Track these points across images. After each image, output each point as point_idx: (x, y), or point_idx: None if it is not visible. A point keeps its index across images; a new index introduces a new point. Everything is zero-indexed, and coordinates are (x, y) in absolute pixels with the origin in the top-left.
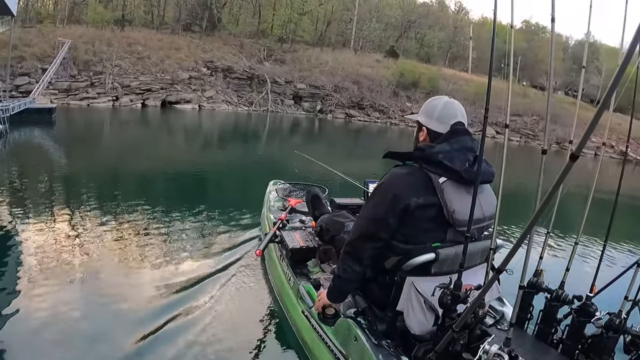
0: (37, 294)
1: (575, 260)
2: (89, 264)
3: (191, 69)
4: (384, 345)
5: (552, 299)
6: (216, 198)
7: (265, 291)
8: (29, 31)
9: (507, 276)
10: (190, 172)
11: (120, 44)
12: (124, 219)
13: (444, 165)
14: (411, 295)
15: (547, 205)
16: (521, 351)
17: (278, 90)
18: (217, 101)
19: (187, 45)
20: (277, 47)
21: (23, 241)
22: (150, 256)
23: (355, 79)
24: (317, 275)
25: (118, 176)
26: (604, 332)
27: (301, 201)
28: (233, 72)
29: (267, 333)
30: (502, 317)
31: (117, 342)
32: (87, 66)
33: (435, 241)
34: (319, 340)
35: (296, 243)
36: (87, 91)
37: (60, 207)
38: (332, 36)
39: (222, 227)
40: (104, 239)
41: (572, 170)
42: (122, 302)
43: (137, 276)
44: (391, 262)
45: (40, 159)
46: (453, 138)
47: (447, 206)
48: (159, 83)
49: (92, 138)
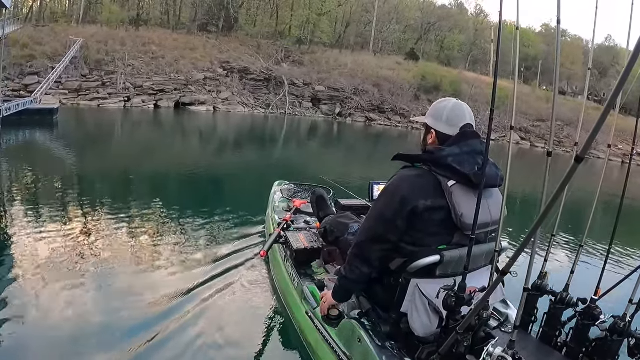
0: (47, 293)
1: (580, 263)
2: (97, 264)
3: (206, 69)
4: (387, 346)
5: (556, 302)
6: (226, 200)
7: (269, 292)
8: (41, 30)
9: (511, 278)
10: (202, 174)
11: (134, 44)
12: (128, 222)
13: (453, 168)
14: (415, 297)
15: (552, 208)
16: (525, 354)
17: (296, 92)
18: (232, 103)
19: (202, 45)
20: (295, 48)
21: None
22: (155, 256)
23: (376, 81)
24: (321, 276)
25: (121, 180)
26: (608, 335)
27: (306, 202)
28: (250, 73)
29: (271, 333)
30: (506, 319)
31: (119, 341)
32: (99, 65)
33: (441, 244)
34: (322, 341)
35: (300, 244)
36: (97, 91)
37: (55, 216)
38: (350, 38)
39: (229, 229)
40: (106, 240)
41: (578, 172)
42: (124, 303)
43: (142, 276)
44: (396, 264)
45: (30, 167)
46: (463, 141)
47: (456, 209)
48: (173, 84)
49: (95, 142)
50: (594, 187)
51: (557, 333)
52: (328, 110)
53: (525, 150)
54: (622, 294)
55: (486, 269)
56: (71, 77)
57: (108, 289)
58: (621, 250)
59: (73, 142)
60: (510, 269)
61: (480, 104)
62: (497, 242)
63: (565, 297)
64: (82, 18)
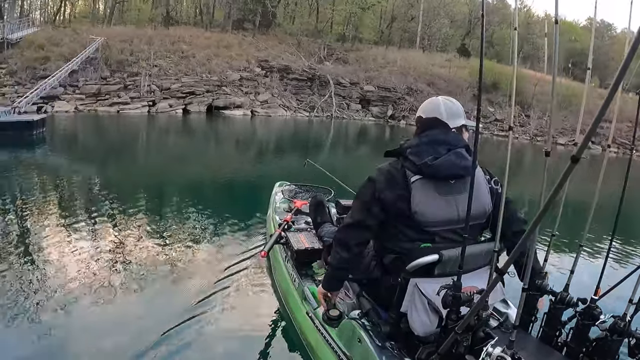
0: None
1: (580, 262)
2: (99, 271)
3: (243, 68)
4: (387, 347)
5: (556, 302)
6: (231, 203)
7: (270, 292)
8: (62, 31)
9: (511, 278)
10: (219, 179)
11: (162, 42)
12: (126, 223)
13: (410, 160)
14: (415, 296)
15: (549, 209)
16: (525, 354)
17: (343, 92)
18: (272, 106)
19: (238, 43)
20: (337, 45)
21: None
22: (155, 257)
23: (429, 80)
24: (322, 277)
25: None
26: (608, 335)
27: (307, 202)
28: (291, 72)
29: (271, 334)
30: (506, 319)
31: (120, 343)
32: (121, 66)
33: (424, 241)
34: (323, 341)
35: (301, 244)
36: (118, 95)
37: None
38: (396, 34)
39: (229, 229)
40: (103, 246)
41: (580, 170)
42: (125, 304)
43: (142, 276)
44: (389, 259)
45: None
46: (424, 132)
47: (411, 206)
48: (205, 85)
49: (77, 173)
50: (593, 186)
51: (557, 333)
52: (379, 112)
53: (596, 156)
54: (622, 294)
55: (486, 269)
56: (90, 79)
57: (107, 289)
58: (621, 249)
59: (31, 185)
60: (507, 269)
61: (544, 103)
62: (496, 242)
63: (565, 297)
64: (109, 18)
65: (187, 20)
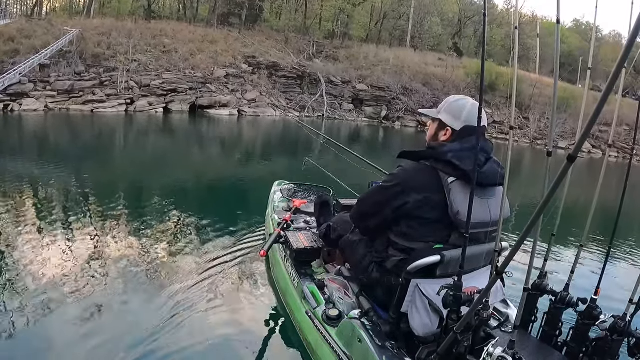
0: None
1: (580, 262)
2: (89, 266)
3: (229, 64)
4: (387, 346)
5: (556, 302)
6: (227, 202)
7: (269, 291)
8: (36, 23)
9: (512, 278)
10: (210, 181)
11: (142, 36)
12: (124, 223)
13: (453, 164)
14: (416, 297)
15: (546, 208)
16: (525, 354)
17: (334, 91)
18: (261, 105)
19: (223, 38)
20: (327, 42)
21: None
22: (153, 256)
23: (424, 79)
24: (321, 276)
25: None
26: (608, 335)
27: (306, 202)
28: (280, 70)
29: (271, 333)
30: (506, 319)
31: (119, 340)
32: (98, 61)
33: (437, 242)
34: (322, 341)
35: (300, 244)
36: (93, 92)
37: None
38: (385, 32)
39: (229, 229)
40: (98, 241)
41: (578, 172)
42: (124, 302)
43: (141, 276)
44: (392, 262)
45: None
46: (465, 137)
47: (453, 206)
48: (188, 82)
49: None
50: (593, 187)
51: (558, 333)
52: (373, 113)
53: (596, 161)
54: (622, 294)
55: (487, 269)
56: (62, 75)
57: (104, 289)
58: (621, 250)
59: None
60: (505, 269)
61: (545, 107)
62: (497, 242)
63: (565, 297)
64: (87, 10)
65: (169, 15)
